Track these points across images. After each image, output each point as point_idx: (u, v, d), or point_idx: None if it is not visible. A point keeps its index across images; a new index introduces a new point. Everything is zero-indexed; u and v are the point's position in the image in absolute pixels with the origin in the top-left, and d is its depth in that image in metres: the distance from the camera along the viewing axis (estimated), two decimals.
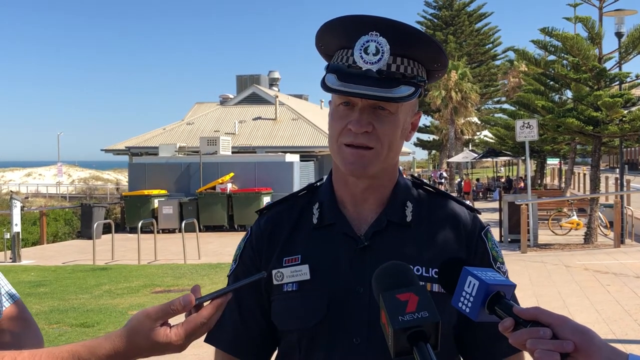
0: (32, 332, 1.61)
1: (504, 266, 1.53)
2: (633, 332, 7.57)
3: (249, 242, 1.56)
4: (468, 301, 1.08)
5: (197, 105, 43.76)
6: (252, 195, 21.69)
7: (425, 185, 1.57)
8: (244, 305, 1.50)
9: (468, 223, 1.50)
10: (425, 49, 1.41)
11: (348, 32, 1.40)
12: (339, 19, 1.42)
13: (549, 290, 10.17)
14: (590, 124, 15.81)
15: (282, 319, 1.46)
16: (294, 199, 1.59)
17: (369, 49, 1.37)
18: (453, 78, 46.26)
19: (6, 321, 1.58)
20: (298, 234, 1.51)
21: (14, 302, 1.62)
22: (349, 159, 1.41)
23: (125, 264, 14.72)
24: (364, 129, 1.38)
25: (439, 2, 60.93)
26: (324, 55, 1.52)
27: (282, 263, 1.47)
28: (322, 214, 1.50)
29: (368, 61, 1.37)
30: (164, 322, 1.17)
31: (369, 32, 1.37)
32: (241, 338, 1.51)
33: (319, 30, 1.45)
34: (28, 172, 73.13)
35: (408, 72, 1.40)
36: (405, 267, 1.13)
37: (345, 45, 1.41)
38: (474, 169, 54.74)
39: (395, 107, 1.41)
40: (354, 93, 1.37)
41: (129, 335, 1.16)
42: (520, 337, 1.01)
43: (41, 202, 36.85)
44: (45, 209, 23.22)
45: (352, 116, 1.40)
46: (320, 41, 1.48)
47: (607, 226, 17.54)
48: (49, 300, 10.45)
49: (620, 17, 16.74)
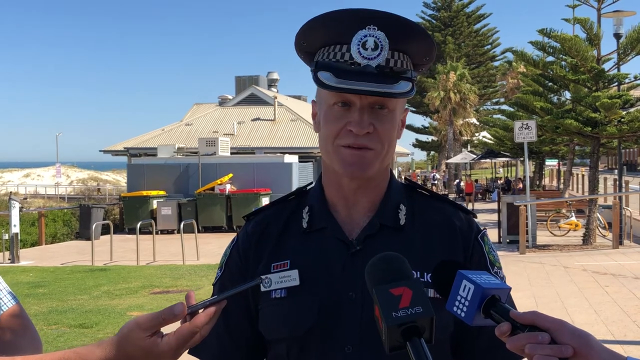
0: (30, 333, 1.61)
1: (501, 271, 1.45)
2: (632, 333, 7.57)
3: (235, 249, 1.50)
4: (463, 305, 1.06)
5: (196, 106, 43.75)
6: (251, 196, 21.69)
7: (420, 188, 1.52)
8: (229, 314, 1.38)
9: (464, 226, 1.45)
10: (421, 43, 1.37)
11: (341, 27, 1.33)
12: (333, 13, 1.35)
13: (547, 291, 10.18)
14: (589, 125, 15.82)
15: (270, 328, 1.40)
16: (282, 203, 1.53)
17: (367, 44, 1.31)
18: (452, 79, 46.29)
19: (7, 320, 1.58)
20: (287, 239, 1.45)
21: (15, 302, 1.62)
22: (349, 160, 1.35)
23: (124, 265, 14.70)
24: (366, 130, 1.33)
25: (438, 3, 60.93)
26: (302, 53, 1.44)
27: (270, 269, 1.41)
28: (312, 218, 1.45)
29: (367, 56, 1.31)
30: (156, 332, 1.15)
31: (366, 26, 1.31)
32: (226, 349, 1.44)
33: (305, 27, 1.38)
34: (27, 173, 73.02)
35: (404, 67, 1.35)
36: (400, 259, 1.10)
37: (335, 41, 1.35)
38: (473, 170, 54.73)
39: (393, 105, 1.36)
40: (355, 90, 1.30)
41: (120, 343, 1.15)
42: (519, 342, 1.00)
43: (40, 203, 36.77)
44: (44, 210, 23.18)
45: (350, 117, 1.34)
46: (304, 38, 1.40)
47: (605, 227, 17.56)
48: (47, 301, 10.44)
49: (619, 18, 16.76)
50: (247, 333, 1.44)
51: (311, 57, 1.42)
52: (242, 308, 1.44)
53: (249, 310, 1.44)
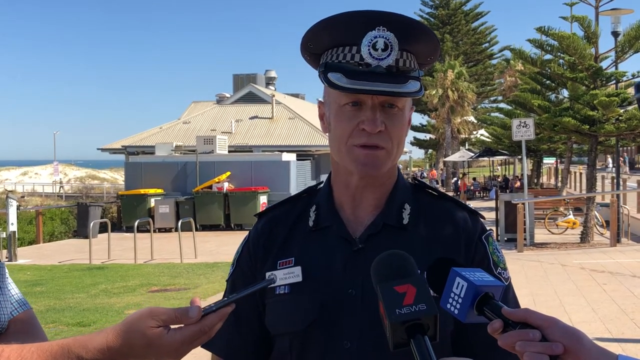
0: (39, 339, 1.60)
1: (506, 272, 1.46)
2: (629, 331, 7.58)
3: (246, 247, 1.54)
4: (457, 302, 1.07)
5: (194, 104, 43.75)
6: (249, 194, 21.69)
7: (427, 187, 1.54)
8: (239, 309, 1.40)
9: (468, 226, 1.46)
10: (427, 43, 1.41)
11: (351, 29, 1.36)
12: (341, 15, 1.38)
13: (545, 289, 10.19)
14: (587, 123, 15.83)
15: (274, 322, 1.44)
16: (293, 201, 1.56)
17: (377, 45, 1.34)
18: (450, 77, 46.35)
19: (18, 325, 1.57)
20: (294, 236, 1.49)
21: (24, 310, 1.61)
22: (362, 160, 1.38)
23: (122, 263, 14.70)
24: (379, 129, 1.36)
25: (436, 2, 60.99)
26: (308, 55, 1.46)
27: (276, 266, 1.45)
28: (319, 216, 1.48)
29: (377, 57, 1.34)
30: (164, 325, 1.15)
31: (375, 27, 1.34)
32: (235, 342, 1.49)
33: (312, 29, 1.40)
34: (24, 171, 72.94)
35: (412, 66, 1.39)
36: (405, 257, 1.11)
37: (344, 43, 1.38)
38: (471, 168, 54.78)
39: (402, 104, 1.40)
40: (368, 90, 1.34)
41: (125, 330, 1.14)
42: (509, 339, 1.01)
43: (37, 201, 36.76)
44: (42, 208, 23.17)
45: (362, 116, 1.37)
46: (311, 40, 1.43)
47: (603, 225, 17.59)
48: (45, 300, 10.44)
49: (617, 16, 16.76)
50: (255, 328, 1.48)
51: (317, 59, 1.45)
52: (251, 303, 1.47)
53: (257, 305, 1.48)
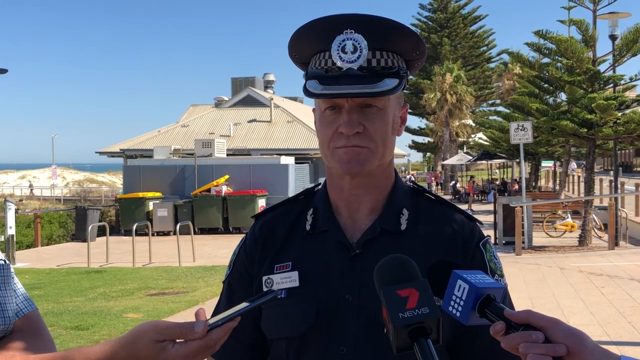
0: (45, 340, 1.60)
1: (503, 279, 1.46)
2: (627, 334, 7.58)
3: (242, 249, 1.53)
4: (458, 305, 1.07)
5: (192, 107, 43.74)
6: (247, 197, 21.69)
7: (426, 192, 1.53)
8: None
9: (466, 232, 1.46)
10: (403, 39, 1.39)
11: (322, 35, 1.36)
12: (310, 23, 1.39)
13: (543, 293, 10.19)
14: (585, 127, 15.85)
15: (270, 327, 1.44)
16: (290, 204, 1.55)
17: (346, 48, 1.34)
18: (448, 80, 46.37)
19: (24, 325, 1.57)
20: (291, 240, 1.48)
21: (31, 310, 1.62)
22: (344, 158, 1.38)
23: (120, 267, 14.68)
24: (355, 130, 1.36)
25: (434, 5, 61.00)
26: (299, 65, 1.48)
27: (273, 270, 1.44)
28: (316, 220, 1.47)
29: (347, 60, 1.34)
30: (169, 339, 1.14)
31: (343, 30, 1.34)
32: (232, 347, 1.45)
33: (291, 40, 1.42)
34: (22, 175, 72.85)
35: (389, 64, 1.38)
36: (407, 261, 1.11)
37: (322, 49, 1.38)
38: (469, 172, 54.78)
39: (382, 103, 1.38)
40: (338, 94, 1.34)
41: (129, 342, 1.14)
42: (513, 341, 1.01)
43: (35, 205, 36.72)
44: (40, 212, 23.14)
45: (340, 119, 1.37)
46: (294, 50, 1.44)
47: (601, 228, 17.59)
48: (43, 303, 10.41)
49: (614, 19, 16.78)
50: (252, 332, 1.47)
51: (306, 67, 1.46)
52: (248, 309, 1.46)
53: (254, 310, 1.46)
